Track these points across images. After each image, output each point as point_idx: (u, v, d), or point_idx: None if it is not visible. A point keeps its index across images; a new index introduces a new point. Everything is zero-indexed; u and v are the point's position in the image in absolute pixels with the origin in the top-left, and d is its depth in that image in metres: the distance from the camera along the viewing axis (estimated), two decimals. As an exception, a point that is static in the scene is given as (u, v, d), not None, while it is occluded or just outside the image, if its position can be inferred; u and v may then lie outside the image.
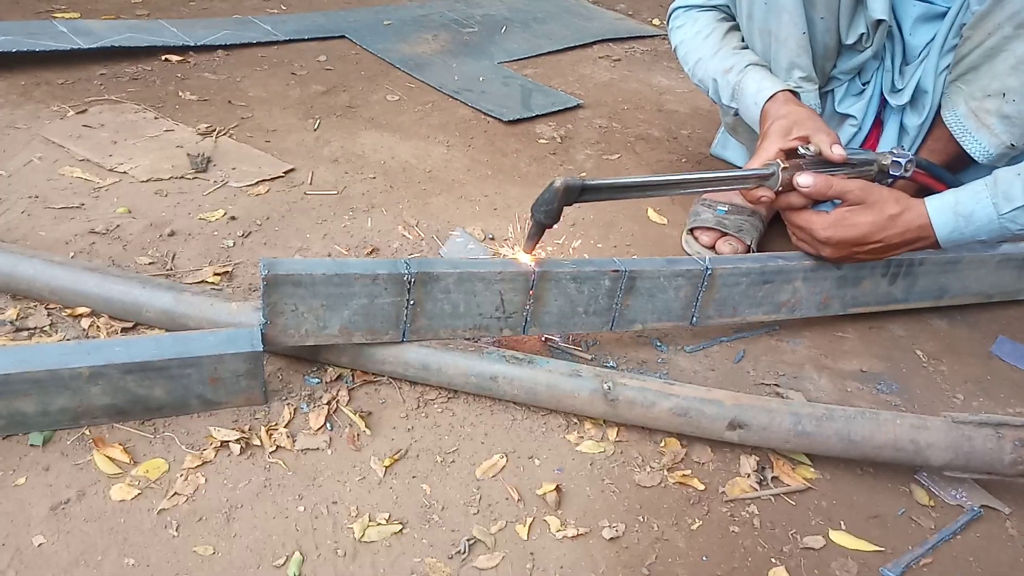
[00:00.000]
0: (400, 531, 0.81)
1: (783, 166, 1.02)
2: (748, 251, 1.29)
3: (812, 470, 0.95)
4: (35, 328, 0.97)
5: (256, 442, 0.87)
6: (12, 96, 1.49)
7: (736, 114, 1.25)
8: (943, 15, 1.15)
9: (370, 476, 0.86)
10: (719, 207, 1.32)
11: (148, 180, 1.30)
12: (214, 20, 1.96)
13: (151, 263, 1.11)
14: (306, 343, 0.90)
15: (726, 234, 1.29)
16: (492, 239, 1.29)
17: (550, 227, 0.91)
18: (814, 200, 1.05)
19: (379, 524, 0.81)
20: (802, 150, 1.03)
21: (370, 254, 1.21)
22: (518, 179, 1.49)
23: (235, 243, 1.19)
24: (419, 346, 0.94)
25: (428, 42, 2.05)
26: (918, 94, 1.22)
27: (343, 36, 2.01)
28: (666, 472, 0.92)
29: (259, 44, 1.88)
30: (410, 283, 0.88)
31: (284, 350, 0.97)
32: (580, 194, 0.90)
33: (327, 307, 0.87)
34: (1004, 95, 1.08)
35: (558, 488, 0.87)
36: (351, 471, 0.87)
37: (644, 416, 0.92)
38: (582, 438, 0.95)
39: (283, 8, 2.16)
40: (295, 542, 0.78)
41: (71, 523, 0.77)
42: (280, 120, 1.57)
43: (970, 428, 0.89)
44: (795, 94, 1.16)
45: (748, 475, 0.93)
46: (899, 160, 1.07)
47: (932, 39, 1.18)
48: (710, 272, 1.02)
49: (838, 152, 1.03)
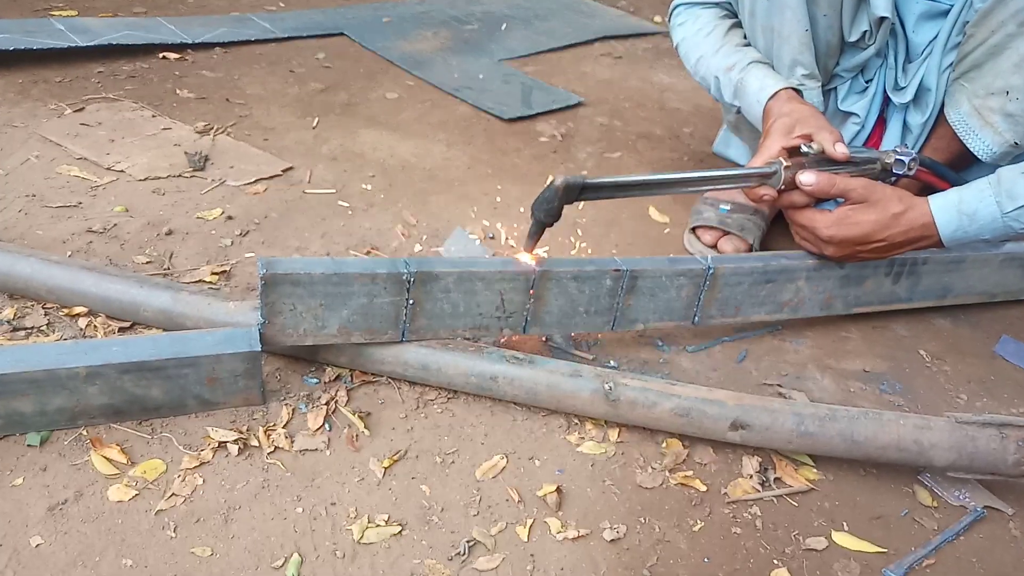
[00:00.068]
0: (399, 532, 0.80)
1: (785, 164, 1.01)
2: (750, 250, 1.29)
3: (815, 471, 0.95)
4: (32, 328, 0.96)
5: (254, 443, 0.87)
6: (9, 94, 1.48)
7: (738, 112, 1.25)
8: (946, 12, 1.14)
9: (369, 477, 0.86)
10: (721, 206, 1.31)
11: (146, 179, 1.30)
12: (212, 18, 1.95)
13: (148, 262, 1.11)
14: (304, 343, 0.89)
15: (728, 233, 1.28)
16: (492, 238, 1.28)
17: (550, 225, 0.90)
18: (817, 199, 1.05)
19: (378, 525, 0.81)
20: (805, 148, 1.02)
21: (369, 253, 1.21)
22: (518, 178, 1.49)
23: (233, 242, 1.18)
24: (419, 346, 0.93)
25: (428, 39, 2.05)
26: (921, 92, 1.21)
27: (342, 33, 2.01)
28: (668, 473, 0.91)
29: (257, 42, 1.88)
30: (409, 282, 0.88)
31: (282, 350, 0.96)
32: (580, 193, 0.89)
33: (326, 307, 0.87)
34: (1008, 93, 1.07)
35: (559, 489, 0.87)
36: (350, 472, 0.86)
37: (645, 416, 0.92)
38: (583, 439, 0.94)
39: (281, 5, 2.15)
40: (293, 543, 0.78)
41: (69, 524, 0.76)
42: (278, 118, 1.57)
43: (974, 428, 0.89)
44: (798, 92, 1.15)
45: (750, 476, 0.92)
46: (902, 158, 1.07)
47: (935, 37, 1.17)
48: (712, 271, 1.01)
49: (841, 150, 1.02)
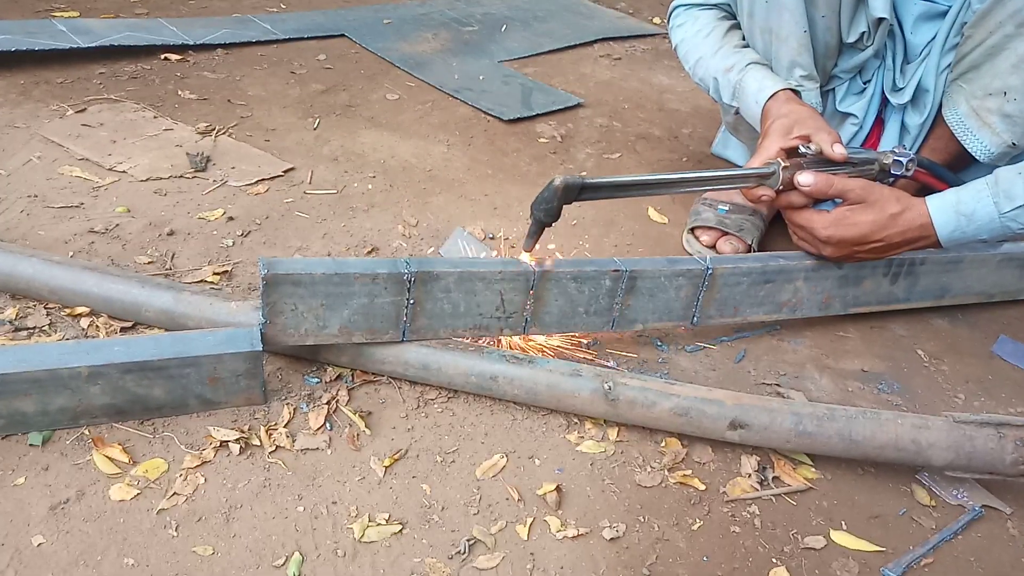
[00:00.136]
0: (400, 531, 0.81)
1: (784, 165, 1.02)
2: (749, 250, 1.29)
3: (813, 470, 0.95)
4: (34, 328, 0.97)
5: (255, 442, 0.87)
6: (11, 95, 1.49)
7: (737, 113, 1.25)
8: (944, 14, 1.15)
9: (370, 476, 0.86)
10: (720, 206, 1.32)
11: (147, 179, 1.30)
12: (213, 19, 1.96)
13: (150, 262, 1.11)
14: (306, 343, 0.89)
15: (727, 233, 1.29)
16: (492, 238, 1.29)
17: (550, 225, 0.91)
18: (815, 199, 1.05)
19: (379, 524, 0.81)
20: (803, 149, 1.03)
21: (370, 253, 1.21)
22: (518, 178, 1.49)
23: (234, 242, 1.19)
24: (419, 346, 0.93)
25: (428, 41, 2.05)
26: (919, 93, 1.22)
27: (343, 35, 2.01)
28: (667, 472, 0.92)
29: (258, 43, 1.88)
30: (410, 282, 0.88)
31: (283, 350, 0.97)
32: (580, 193, 0.89)
33: (327, 306, 0.87)
34: (1005, 94, 1.08)
35: (558, 488, 0.87)
36: (351, 471, 0.86)
37: (645, 416, 0.92)
38: (582, 438, 0.94)
39: (282, 7, 2.16)
40: (295, 542, 0.78)
41: (70, 523, 0.77)
42: (279, 119, 1.57)
43: (971, 428, 0.89)
44: (796, 93, 1.15)
45: (749, 475, 0.93)
46: (900, 159, 1.07)
47: (933, 38, 1.18)
48: (711, 272, 1.01)
49: (839, 151, 1.02)
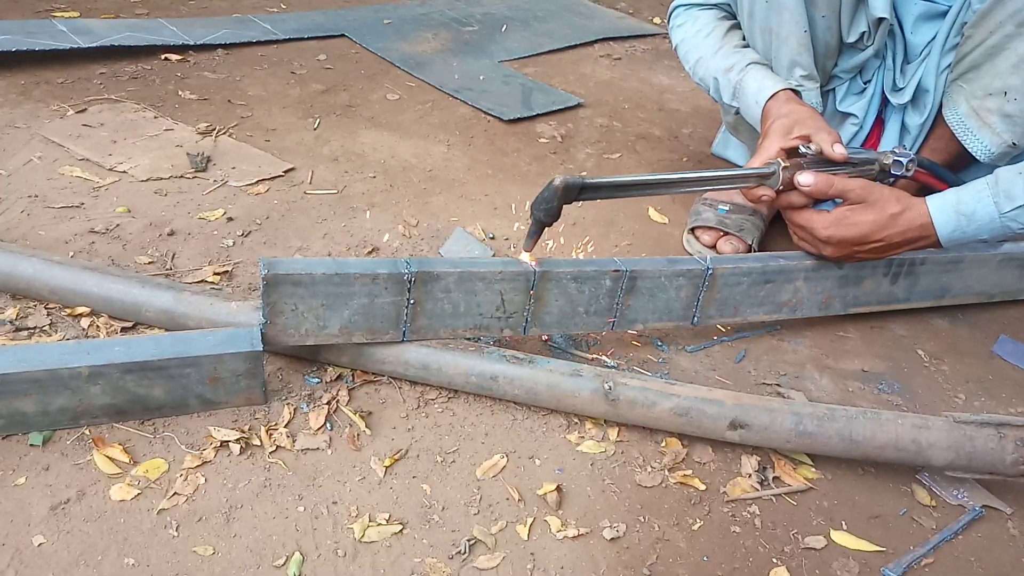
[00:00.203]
0: (400, 531, 0.81)
1: (784, 165, 1.02)
2: (749, 250, 1.29)
3: (813, 470, 0.95)
4: (35, 328, 0.97)
5: (256, 442, 0.87)
6: (12, 95, 1.49)
7: (737, 113, 1.25)
8: (944, 14, 1.15)
9: (370, 476, 0.86)
10: (720, 206, 1.32)
11: (148, 179, 1.30)
12: (214, 19, 1.96)
13: (151, 262, 1.11)
14: (306, 343, 0.90)
15: (727, 233, 1.29)
16: (492, 238, 1.29)
17: (550, 225, 0.91)
18: (815, 199, 1.05)
19: (379, 524, 0.81)
20: (803, 149, 1.03)
21: (370, 253, 1.21)
22: (518, 178, 1.49)
23: (235, 242, 1.19)
24: (419, 346, 0.93)
25: (428, 41, 2.05)
26: (919, 93, 1.22)
27: (343, 35, 2.01)
28: (667, 472, 0.92)
29: (259, 43, 1.88)
30: (410, 282, 0.88)
31: (284, 350, 0.97)
32: (580, 192, 0.89)
33: (327, 307, 0.87)
34: (1006, 94, 1.08)
35: (559, 488, 0.87)
36: (351, 471, 0.86)
37: (645, 416, 0.92)
38: (583, 438, 0.95)
39: (283, 7, 2.16)
40: (295, 542, 0.78)
41: (71, 523, 0.77)
42: (280, 119, 1.57)
43: (972, 428, 0.89)
44: (796, 93, 1.15)
45: (749, 475, 0.93)
46: (900, 159, 1.07)
47: (933, 38, 1.18)
48: (711, 272, 1.01)
49: (839, 151, 1.02)
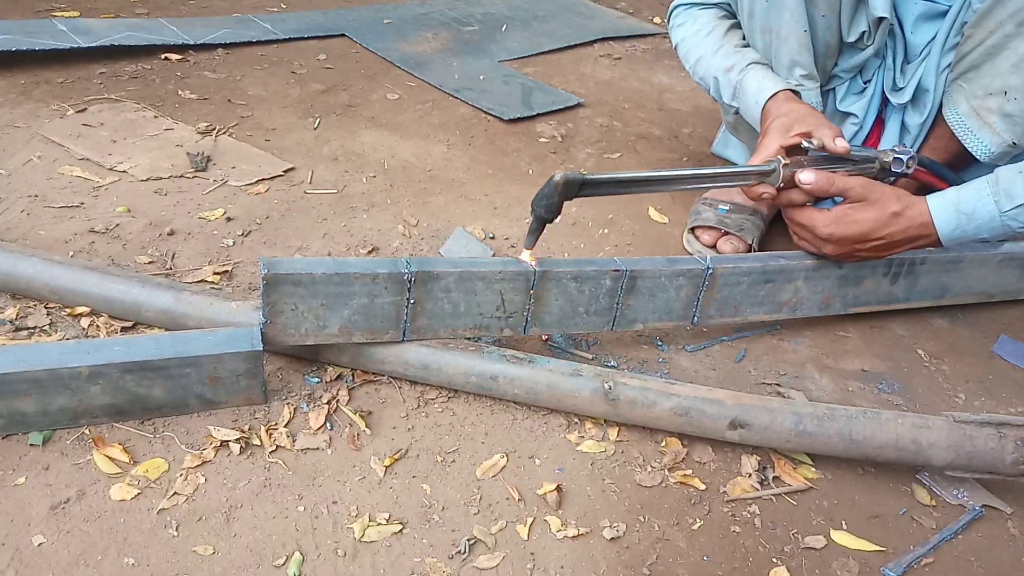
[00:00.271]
0: (400, 531, 0.81)
1: (784, 162, 1.02)
2: (749, 250, 1.29)
3: (813, 470, 0.95)
4: (35, 327, 0.97)
5: (256, 442, 0.87)
6: (11, 95, 1.49)
7: (737, 113, 1.25)
8: (944, 13, 1.15)
9: (370, 476, 0.86)
10: (720, 206, 1.32)
11: (148, 179, 1.30)
12: (214, 19, 1.96)
13: (151, 262, 1.11)
14: (306, 342, 0.90)
15: (727, 233, 1.29)
16: (492, 238, 1.29)
17: (551, 222, 0.91)
18: (815, 197, 1.05)
19: (379, 524, 0.81)
20: (806, 144, 1.03)
21: (370, 253, 1.21)
22: (518, 178, 1.49)
23: (235, 242, 1.19)
24: (419, 345, 0.93)
25: (428, 40, 2.05)
26: (919, 93, 1.22)
27: (343, 35, 2.01)
28: (667, 472, 0.92)
29: (259, 43, 1.88)
30: (410, 282, 0.88)
31: (284, 349, 0.97)
32: (580, 189, 0.89)
33: (327, 306, 0.87)
34: (1006, 93, 1.07)
35: (559, 488, 0.87)
36: (351, 471, 0.86)
37: (645, 416, 0.92)
38: (583, 438, 0.95)
39: (283, 6, 2.16)
40: (295, 542, 0.78)
41: (71, 523, 0.77)
42: (280, 119, 1.57)
43: (972, 428, 0.89)
44: (796, 94, 1.15)
45: (749, 475, 0.93)
46: (901, 157, 1.07)
47: (933, 37, 1.18)
48: (711, 271, 1.01)
49: (841, 144, 1.02)
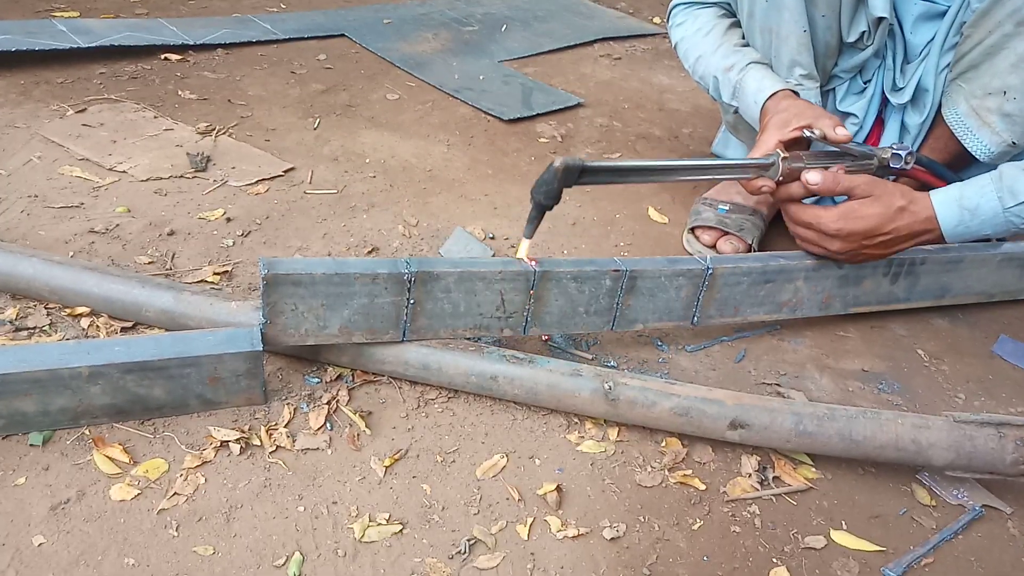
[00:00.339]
0: (400, 531, 0.81)
1: (783, 155, 1.02)
2: (749, 250, 1.29)
3: (813, 470, 0.95)
4: (35, 328, 0.97)
5: (256, 442, 0.87)
6: (11, 95, 1.49)
7: (736, 112, 1.25)
8: (943, 14, 1.15)
9: (370, 476, 0.86)
10: (720, 206, 1.32)
11: (147, 179, 1.30)
12: (213, 19, 1.96)
13: (151, 262, 1.11)
14: (306, 343, 0.89)
15: (727, 233, 1.29)
16: (492, 238, 1.29)
17: (550, 209, 0.90)
18: (814, 194, 1.05)
19: (379, 524, 0.81)
20: (807, 134, 1.03)
21: (370, 253, 1.21)
22: (518, 178, 1.49)
23: (235, 242, 1.19)
24: (419, 346, 0.93)
25: (428, 41, 2.05)
26: (919, 93, 1.22)
27: (343, 35, 2.01)
28: (667, 472, 0.92)
29: (259, 43, 1.88)
30: (410, 282, 0.88)
31: (284, 350, 0.97)
32: (580, 175, 0.89)
33: (327, 306, 0.87)
34: (1005, 93, 1.08)
35: (559, 488, 0.87)
36: (351, 471, 0.86)
37: (645, 416, 0.92)
38: (583, 438, 0.95)
39: (283, 7, 2.16)
40: (295, 542, 0.78)
41: (71, 523, 0.77)
42: (280, 119, 1.57)
43: (972, 428, 0.89)
44: (795, 93, 1.15)
45: (749, 475, 0.93)
46: (899, 152, 1.07)
47: (933, 38, 1.18)
48: (711, 271, 1.01)
49: (842, 133, 1.02)
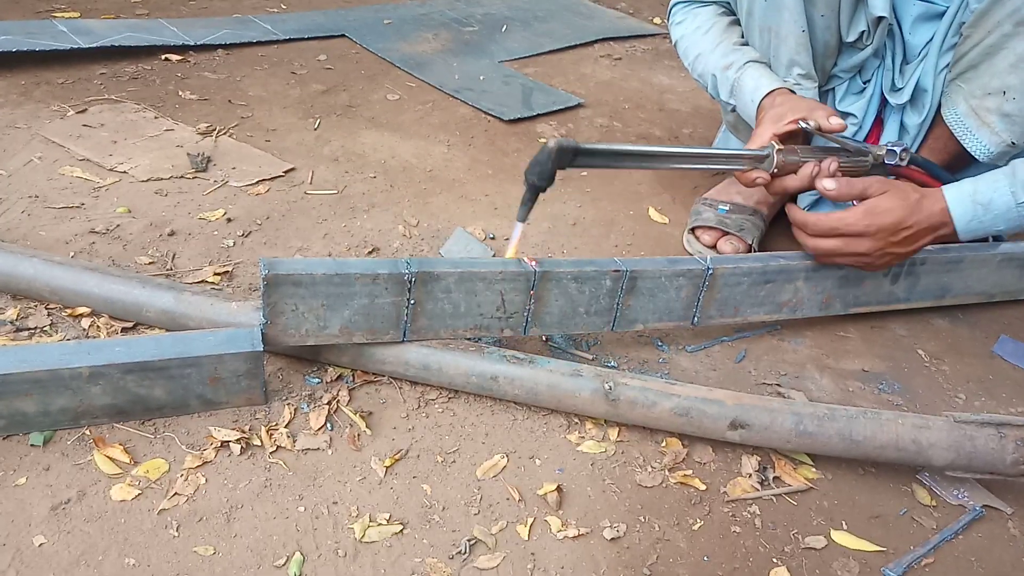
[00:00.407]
0: (401, 531, 0.81)
1: (778, 147, 1.02)
2: (750, 250, 1.29)
3: (814, 470, 0.95)
4: (35, 328, 0.97)
5: (256, 442, 0.87)
6: (12, 96, 1.49)
7: (735, 110, 1.25)
8: (942, 14, 1.15)
9: (370, 476, 0.86)
10: (720, 206, 1.32)
11: (148, 180, 1.30)
12: (214, 19, 1.96)
13: (151, 263, 1.11)
14: (306, 343, 0.90)
15: (727, 233, 1.29)
16: (492, 238, 1.29)
17: (543, 190, 0.90)
18: (831, 198, 1.05)
19: (380, 524, 0.81)
20: (802, 125, 1.04)
21: (370, 254, 1.21)
22: (519, 178, 1.48)
23: (235, 243, 1.19)
24: (420, 346, 0.94)
25: (428, 41, 2.05)
26: (918, 93, 1.22)
27: (343, 35, 2.01)
28: (667, 472, 0.92)
29: (259, 43, 1.88)
30: (411, 283, 0.88)
31: (284, 350, 0.97)
32: (574, 157, 0.89)
33: (327, 307, 0.87)
34: (1004, 93, 1.08)
35: (559, 488, 0.87)
36: (351, 471, 0.86)
37: (645, 416, 0.92)
38: (583, 438, 0.95)
39: (283, 7, 2.16)
40: (296, 542, 0.78)
41: (71, 523, 0.77)
42: (280, 119, 1.57)
43: (972, 428, 0.89)
44: (792, 92, 1.15)
45: (749, 475, 0.93)
46: (894, 149, 1.08)
47: (932, 38, 1.18)
48: (711, 272, 1.01)
49: (836, 122, 1.03)
